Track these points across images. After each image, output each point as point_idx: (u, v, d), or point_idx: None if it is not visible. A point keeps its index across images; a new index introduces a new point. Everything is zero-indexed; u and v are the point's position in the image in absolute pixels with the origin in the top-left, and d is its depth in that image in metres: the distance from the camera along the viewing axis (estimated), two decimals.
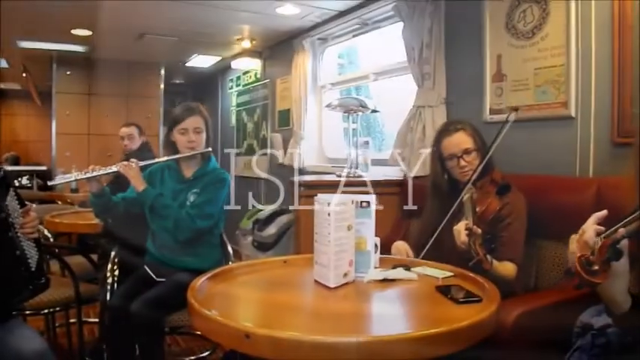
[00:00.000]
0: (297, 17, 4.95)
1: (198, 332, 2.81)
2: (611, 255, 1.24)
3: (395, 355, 1.24)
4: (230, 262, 2.85)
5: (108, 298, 2.66)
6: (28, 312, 2.77)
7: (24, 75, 8.05)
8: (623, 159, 1.68)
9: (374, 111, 4.00)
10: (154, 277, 2.71)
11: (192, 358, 3.51)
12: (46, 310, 2.87)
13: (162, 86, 7.77)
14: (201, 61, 7.29)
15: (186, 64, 7.50)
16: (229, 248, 2.96)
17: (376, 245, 2.00)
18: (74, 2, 4.50)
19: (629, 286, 1.33)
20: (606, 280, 1.27)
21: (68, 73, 7.16)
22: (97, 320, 3.66)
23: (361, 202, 1.88)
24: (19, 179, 7.56)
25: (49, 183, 2.94)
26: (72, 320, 3.09)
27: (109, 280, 2.75)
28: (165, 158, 2.82)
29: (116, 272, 2.79)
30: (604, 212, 1.37)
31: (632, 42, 2.44)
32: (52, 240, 3.72)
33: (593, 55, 2.64)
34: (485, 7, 3.21)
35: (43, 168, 8.00)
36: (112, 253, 2.86)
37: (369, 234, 1.91)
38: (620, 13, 2.48)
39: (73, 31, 5.63)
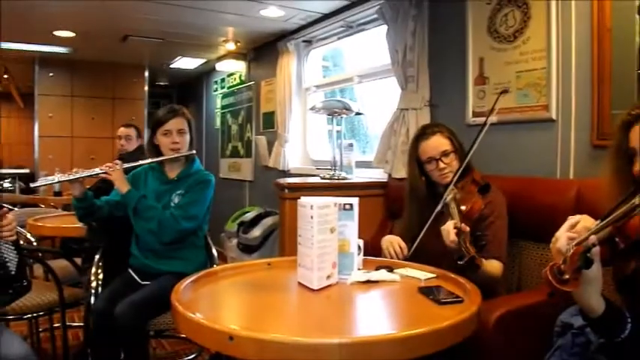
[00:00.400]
0: (281, 20, 4.95)
1: (183, 335, 2.81)
2: (582, 263, 1.26)
3: (376, 356, 1.25)
4: (215, 265, 2.85)
5: (92, 301, 2.65)
6: (11, 317, 2.75)
7: (5, 76, 8.00)
8: (602, 161, 1.71)
9: (358, 113, 4.03)
10: (139, 280, 2.72)
11: None
12: (29, 315, 2.85)
13: (146, 88, 7.75)
14: (186, 63, 7.27)
15: (171, 66, 7.48)
16: (214, 250, 2.96)
17: (359, 247, 2.01)
18: (56, 3, 4.48)
19: (602, 291, 1.35)
20: (577, 288, 1.28)
21: (51, 74, 7.11)
22: (81, 324, 3.65)
23: (344, 204, 1.89)
24: (1, 182, 7.48)
25: (31, 185, 2.91)
26: (56, 325, 3.07)
27: (93, 284, 2.73)
28: (150, 160, 2.81)
29: (100, 276, 2.77)
30: (576, 219, 1.39)
31: (611, 45, 2.48)
32: (35, 244, 3.70)
33: (573, 58, 2.67)
34: (468, 10, 3.24)
35: (26, 171, 7.94)
36: (96, 257, 2.85)
37: (352, 236, 1.92)
38: (598, 17, 2.51)
39: (56, 33, 5.59)
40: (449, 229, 2.03)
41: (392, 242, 2.44)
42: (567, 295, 1.29)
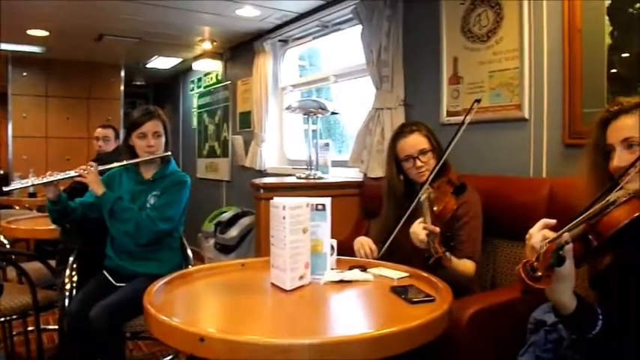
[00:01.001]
0: (257, 19, 4.95)
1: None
2: (555, 261, 1.27)
3: (346, 356, 1.25)
4: (190, 266, 2.84)
5: (66, 304, 2.63)
6: None
7: None
8: (574, 160, 1.74)
9: (333, 113, 4.03)
10: (114, 282, 2.69)
11: None
12: (2, 318, 2.82)
13: (122, 88, 7.68)
14: (162, 62, 7.24)
15: (147, 66, 7.43)
16: (189, 251, 2.94)
17: (332, 247, 2.02)
18: (29, 2, 4.43)
19: (576, 288, 1.37)
20: (550, 285, 1.30)
21: (24, 74, 7.02)
22: (56, 327, 3.61)
23: (317, 204, 1.90)
24: None
25: (4, 188, 2.88)
26: (30, 328, 3.04)
27: (68, 286, 2.71)
28: (125, 162, 2.79)
29: (75, 278, 2.75)
30: (553, 221, 1.41)
31: (581, 46, 2.51)
32: (8, 246, 3.66)
33: (545, 58, 2.71)
34: (442, 10, 3.27)
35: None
36: (71, 259, 2.82)
37: (325, 236, 1.92)
38: (569, 18, 2.55)
39: (29, 32, 5.53)
40: (417, 231, 2.04)
41: (363, 244, 2.46)
42: (540, 292, 1.31)
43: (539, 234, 1.37)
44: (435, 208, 2.18)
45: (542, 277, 1.27)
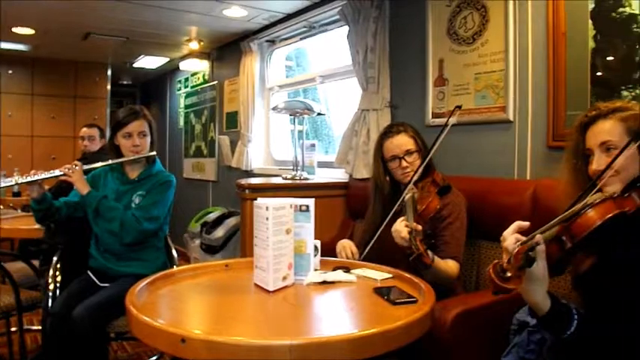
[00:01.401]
0: (244, 19, 4.94)
1: None
2: (525, 262, 1.29)
3: (327, 356, 1.26)
4: (175, 266, 2.83)
5: (50, 304, 2.61)
6: None
7: None
8: (558, 162, 1.75)
9: (320, 114, 4.03)
10: (98, 282, 2.68)
11: None
12: None
13: (109, 87, 7.63)
14: (149, 61, 7.20)
15: (134, 65, 7.39)
16: (174, 252, 2.94)
17: (316, 248, 2.02)
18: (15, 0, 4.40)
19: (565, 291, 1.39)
20: (519, 286, 1.32)
21: (10, 72, 6.96)
22: (40, 328, 3.59)
23: (300, 205, 1.90)
24: None
25: None
26: (13, 329, 3.01)
27: (51, 287, 2.69)
28: (110, 162, 2.78)
29: (58, 278, 2.73)
30: (527, 223, 1.43)
31: (565, 49, 2.53)
32: None
33: (530, 61, 2.73)
34: (428, 12, 3.28)
35: None
36: (54, 259, 2.80)
37: (309, 237, 1.92)
38: (554, 21, 2.56)
39: (14, 29, 5.48)
40: (400, 229, 2.04)
41: (344, 247, 2.48)
42: (508, 293, 1.33)
43: (512, 237, 1.40)
44: (418, 207, 2.19)
45: (511, 277, 1.30)
